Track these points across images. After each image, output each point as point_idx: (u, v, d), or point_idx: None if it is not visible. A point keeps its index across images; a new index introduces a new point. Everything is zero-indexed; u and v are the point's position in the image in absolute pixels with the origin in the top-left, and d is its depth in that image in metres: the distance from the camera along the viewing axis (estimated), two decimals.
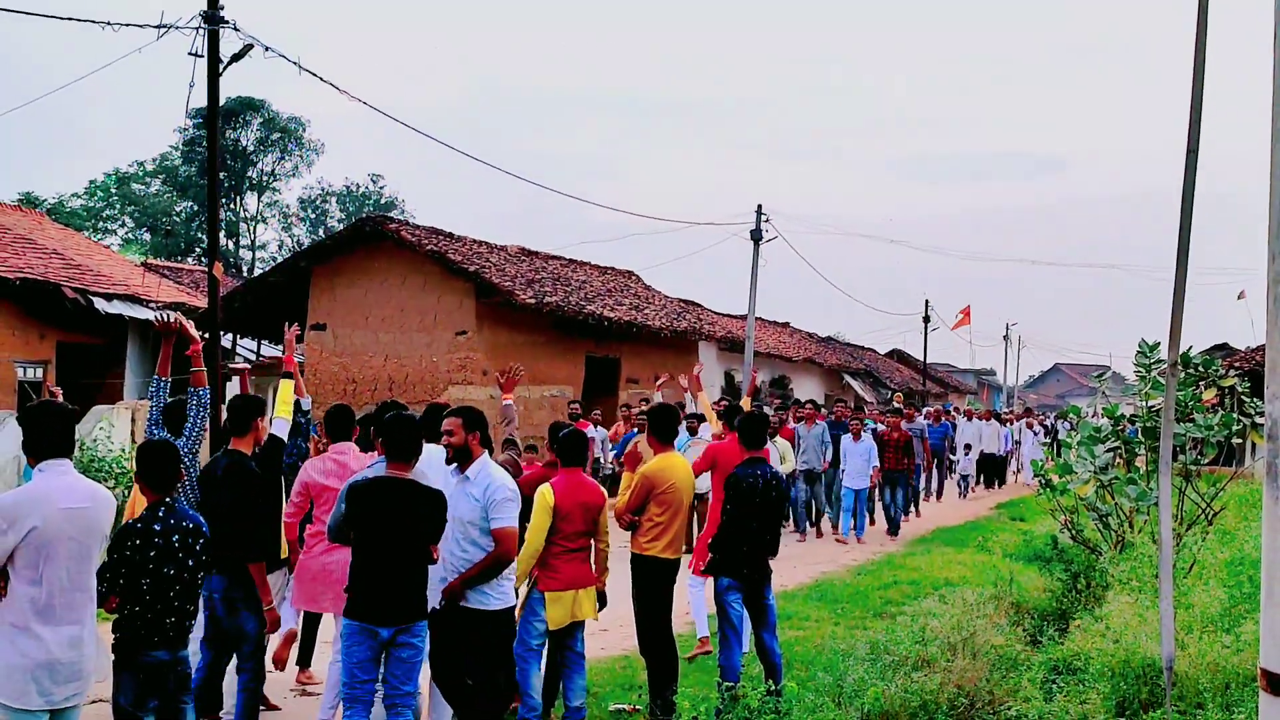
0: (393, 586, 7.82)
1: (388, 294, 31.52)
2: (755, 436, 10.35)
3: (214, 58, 22.89)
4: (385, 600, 7.80)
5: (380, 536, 7.84)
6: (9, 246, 31.84)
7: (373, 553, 7.85)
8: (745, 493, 9.93)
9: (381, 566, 7.82)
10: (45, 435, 6.41)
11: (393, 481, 7.95)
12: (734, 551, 9.96)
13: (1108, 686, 8.52)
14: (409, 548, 7.87)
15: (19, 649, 6.12)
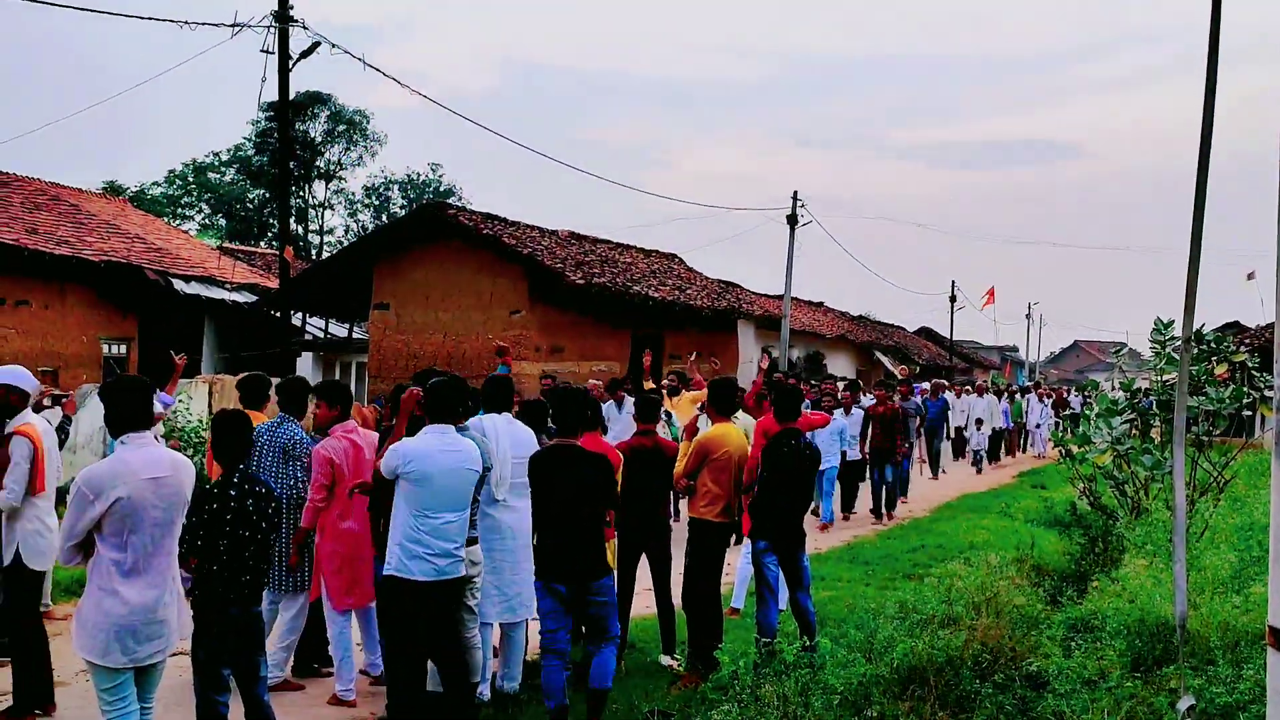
0: (563, 547, 8.06)
1: (446, 275, 31.61)
2: (789, 409, 10.35)
3: (284, 54, 22.98)
4: (562, 560, 8.05)
5: (550, 501, 8.11)
6: (95, 231, 32.07)
7: (545, 516, 8.17)
8: (779, 460, 9.95)
9: (553, 529, 8.11)
10: (125, 410, 6.45)
11: (561, 449, 8.24)
12: (768, 516, 9.97)
13: (1123, 644, 8.48)
14: (574, 510, 8.09)
15: (104, 610, 6.16)
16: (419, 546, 7.44)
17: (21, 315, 28.08)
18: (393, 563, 7.51)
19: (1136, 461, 14.02)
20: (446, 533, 7.56)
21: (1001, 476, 29.57)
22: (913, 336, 71.54)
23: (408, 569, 7.45)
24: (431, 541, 7.47)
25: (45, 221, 30.51)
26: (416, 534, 7.44)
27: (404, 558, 7.46)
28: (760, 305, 39.98)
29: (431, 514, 7.47)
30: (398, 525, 7.51)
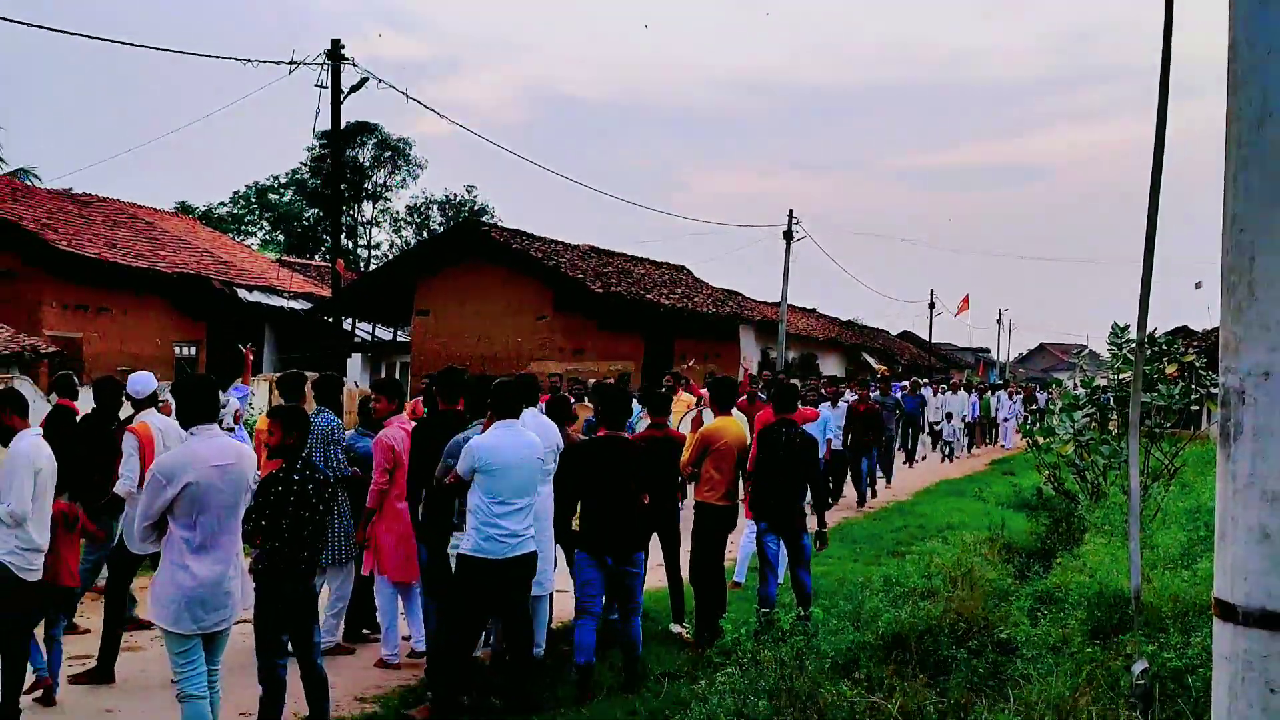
0: (614, 525, 8.34)
1: (480, 285, 31.69)
2: (786, 402, 10.41)
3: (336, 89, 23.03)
4: (609, 536, 8.32)
5: (603, 485, 8.35)
6: (168, 246, 32.16)
7: (594, 499, 8.38)
8: (773, 448, 9.97)
9: (601, 509, 8.34)
10: (194, 405, 6.48)
11: (612, 440, 8.49)
12: (766, 499, 9.98)
13: (1084, 614, 8.46)
14: (624, 493, 8.37)
15: (176, 582, 6.19)
16: (494, 529, 7.46)
17: (103, 321, 28.19)
18: (469, 544, 7.52)
19: (1096, 451, 14.01)
20: (519, 516, 7.59)
21: (975, 464, 29.47)
22: (896, 340, 71.41)
23: (484, 549, 7.46)
24: (505, 525, 7.49)
25: (124, 238, 30.60)
26: (491, 519, 7.46)
27: (480, 540, 7.46)
28: (759, 311, 39.93)
29: (505, 501, 7.49)
30: (474, 511, 7.52)
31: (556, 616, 9.65)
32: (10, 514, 6.90)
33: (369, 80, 23.75)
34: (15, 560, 7.02)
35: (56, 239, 26.93)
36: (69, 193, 33.65)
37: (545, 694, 8.06)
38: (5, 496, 6.96)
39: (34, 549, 7.11)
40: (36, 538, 7.11)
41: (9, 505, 6.92)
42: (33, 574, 7.13)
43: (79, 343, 27.09)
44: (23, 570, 7.06)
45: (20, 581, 7.05)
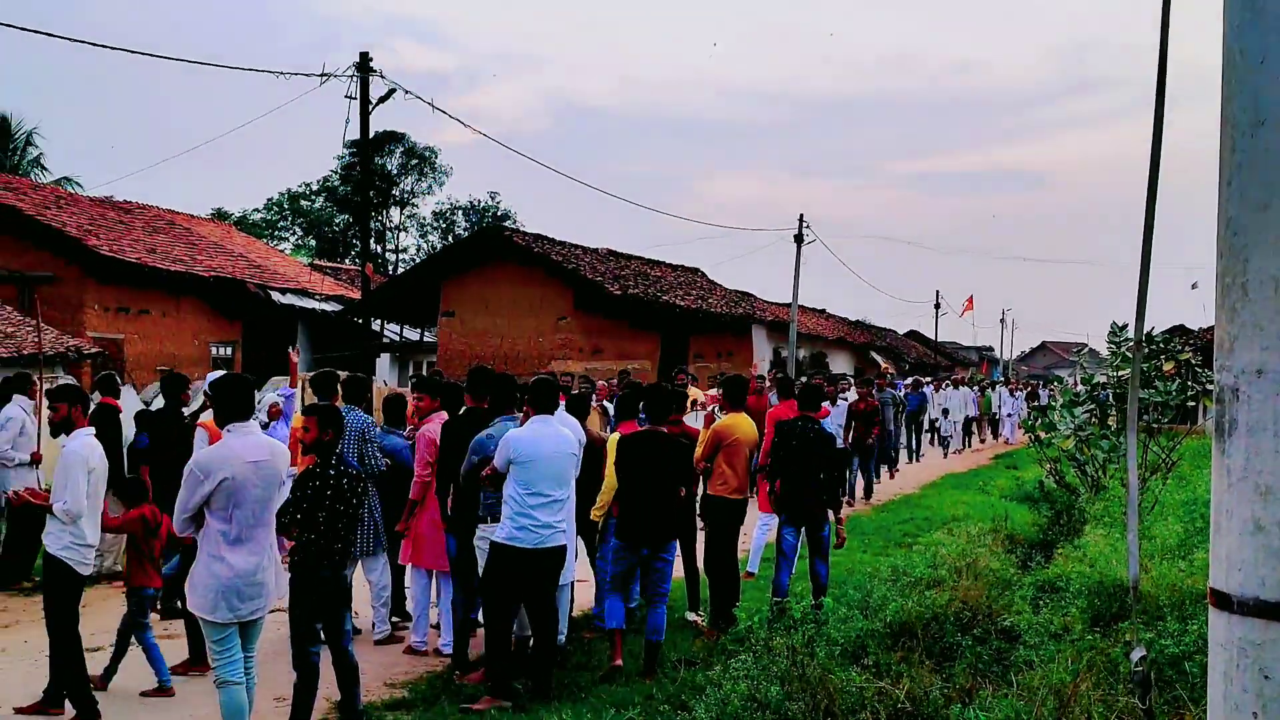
0: (651, 515, 8.36)
1: (503, 288, 31.73)
2: (811, 400, 10.44)
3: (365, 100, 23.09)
4: (646, 526, 8.35)
5: (640, 478, 8.40)
6: (205, 251, 32.28)
7: (635, 490, 8.43)
8: (792, 440, 10.00)
9: (641, 501, 8.39)
10: (231, 403, 6.50)
11: (651, 435, 8.55)
12: (785, 491, 10.01)
13: (1084, 602, 8.45)
14: (662, 485, 8.41)
15: (213, 572, 6.23)
16: (527, 519, 7.48)
17: (143, 322, 28.30)
18: (503, 533, 7.54)
19: (1096, 446, 14.01)
20: (552, 508, 7.60)
21: (979, 458, 29.38)
22: (903, 339, 71.22)
23: (517, 538, 7.48)
24: (538, 516, 7.50)
25: (163, 243, 30.72)
26: (525, 509, 7.48)
27: (514, 529, 7.48)
28: (771, 312, 39.88)
29: (539, 492, 7.50)
30: (508, 501, 7.54)
31: (577, 605, 9.65)
32: (66, 511, 6.93)
33: (396, 91, 23.83)
34: (72, 556, 7.05)
35: (98, 244, 27.05)
36: (110, 200, 33.81)
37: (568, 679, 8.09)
38: (61, 494, 6.99)
39: (87, 545, 7.14)
40: (90, 535, 7.13)
41: (64, 503, 6.94)
42: (86, 568, 7.18)
43: (120, 343, 27.21)
44: (78, 565, 7.09)
45: (76, 576, 7.10)
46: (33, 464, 11.25)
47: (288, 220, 71.42)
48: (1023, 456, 25.37)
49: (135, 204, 34.32)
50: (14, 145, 44.60)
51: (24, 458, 11.42)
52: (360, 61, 23.22)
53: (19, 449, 11.50)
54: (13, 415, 11.65)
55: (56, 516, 6.98)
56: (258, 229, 64.12)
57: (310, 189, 71.06)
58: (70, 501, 6.93)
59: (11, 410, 11.75)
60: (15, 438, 11.50)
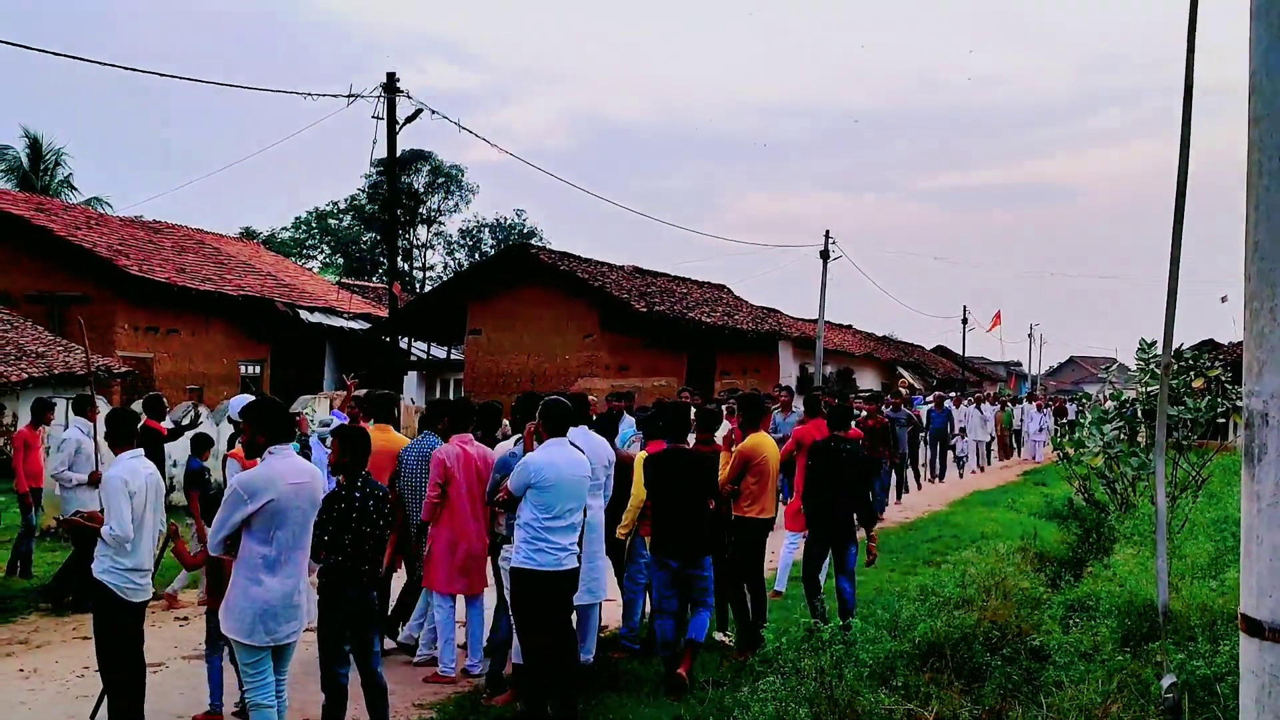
0: (680, 531, 8.54)
1: (529, 305, 31.82)
2: (840, 420, 10.50)
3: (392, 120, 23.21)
4: (676, 540, 8.53)
5: (668, 494, 8.53)
6: (233, 270, 32.48)
7: (667, 505, 8.55)
8: (825, 459, 10.05)
9: (669, 516, 8.54)
10: (270, 427, 6.51)
11: (678, 453, 8.65)
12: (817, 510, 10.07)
13: (1114, 622, 8.39)
14: (691, 501, 8.56)
15: (250, 596, 6.23)
16: (543, 542, 7.48)
17: (173, 341, 28.48)
18: (519, 558, 7.54)
19: (1125, 463, 13.90)
20: (568, 532, 7.61)
21: (1007, 475, 29.23)
22: (930, 354, 71.02)
23: (534, 561, 7.48)
24: (553, 539, 7.51)
25: (192, 263, 30.93)
26: (541, 533, 7.48)
27: (531, 552, 7.48)
28: (798, 328, 39.86)
29: (554, 516, 7.51)
30: (525, 526, 7.54)
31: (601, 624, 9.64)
32: (114, 537, 6.85)
33: (423, 111, 23.93)
34: (115, 580, 6.88)
35: (128, 264, 27.26)
36: (139, 220, 34.09)
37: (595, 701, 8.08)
38: (108, 519, 6.94)
39: (137, 569, 6.98)
40: (138, 559, 6.98)
41: (110, 528, 6.87)
42: (137, 594, 7.00)
43: (150, 363, 27.38)
44: (124, 590, 6.91)
45: (122, 601, 6.92)
46: (91, 485, 11.37)
47: (316, 239, 71.85)
48: (1051, 473, 25.22)
49: (164, 224, 34.57)
50: (45, 166, 44.99)
51: (82, 478, 11.65)
52: (387, 82, 23.35)
53: (78, 469, 11.76)
54: (69, 437, 12.09)
55: (105, 540, 6.93)
56: (286, 248, 64.52)
57: (338, 207, 71.50)
58: (116, 526, 6.85)
59: (69, 432, 12.23)
60: (71, 458, 11.81)
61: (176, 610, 11.33)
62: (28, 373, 20.45)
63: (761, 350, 34.48)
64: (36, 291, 26.61)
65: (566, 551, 7.56)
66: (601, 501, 8.89)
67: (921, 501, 21.87)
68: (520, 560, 7.52)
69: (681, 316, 31.76)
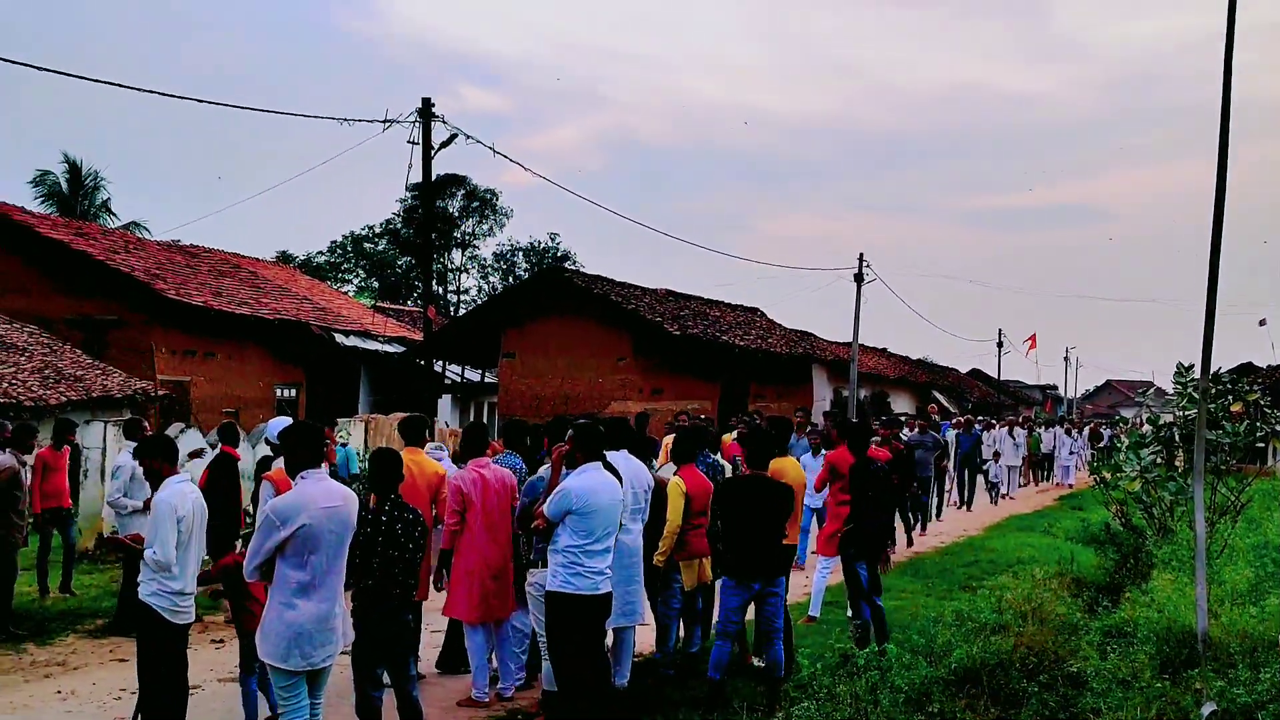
0: (763, 552, 8.54)
1: (563, 328, 31.90)
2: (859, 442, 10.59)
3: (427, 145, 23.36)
4: (757, 563, 8.51)
5: (749, 518, 8.55)
6: (270, 294, 32.69)
7: (744, 529, 8.56)
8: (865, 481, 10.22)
9: (751, 539, 8.53)
10: (303, 451, 6.55)
11: (757, 479, 8.72)
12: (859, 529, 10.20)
13: (1153, 648, 8.33)
14: (768, 525, 8.58)
15: (285, 620, 6.26)
16: (580, 567, 7.49)
17: (210, 365, 28.68)
18: (556, 582, 7.54)
19: (1162, 488, 13.83)
20: (604, 556, 7.61)
21: (1043, 500, 29.03)
22: (965, 377, 70.75)
23: (571, 584, 7.48)
24: (590, 563, 7.51)
25: (229, 286, 31.16)
26: (578, 557, 7.49)
27: (569, 575, 7.49)
28: (832, 351, 39.77)
29: (591, 540, 7.51)
30: (563, 551, 7.54)
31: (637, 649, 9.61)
32: (155, 561, 6.87)
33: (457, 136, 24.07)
34: (160, 603, 6.90)
35: (166, 288, 27.47)
36: (177, 244, 34.36)
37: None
38: (152, 543, 6.97)
39: (181, 593, 6.97)
40: (181, 582, 6.97)
41: (154, 552, 6.87)
42: (182, 617, 7.01)
43: (187, 386, 27.57)
44: (169, 613, 6.92)
45: (167, 624, 6.93)
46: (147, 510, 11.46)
47: (351, 263, 72.22)
48: (1088, 498, 25.06)
49: (202, 248, 34.86)
50: (84, 190, 45.46)
51: (137, 504, 11.63)
52: (422, 107, 23.51)
53: (133, 495, 11.82)
54: (122, 463, 12.12)
55: (148, 563, 6.95)
56: (322, 271, 64.89)
57: (373, 231, 71.83)
58: (160, 550, 6.86)
59: (122, 458, 12.26)
60: (127, 484, 11.88)
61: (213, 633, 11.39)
62: (66, 396, 20.61)
63: (795, 374, 34.40)
64: (75, 315, 26.84)
65: (602, 575, 7.57)
66: (640, 525, 8.90)
67: (957, 526, 21.75)
68: (557, 585, 7.52)
69: (715, 339, 31.75)
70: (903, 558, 16.95)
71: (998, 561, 15.96)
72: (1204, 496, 8.54)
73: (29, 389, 20.13)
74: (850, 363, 38.80)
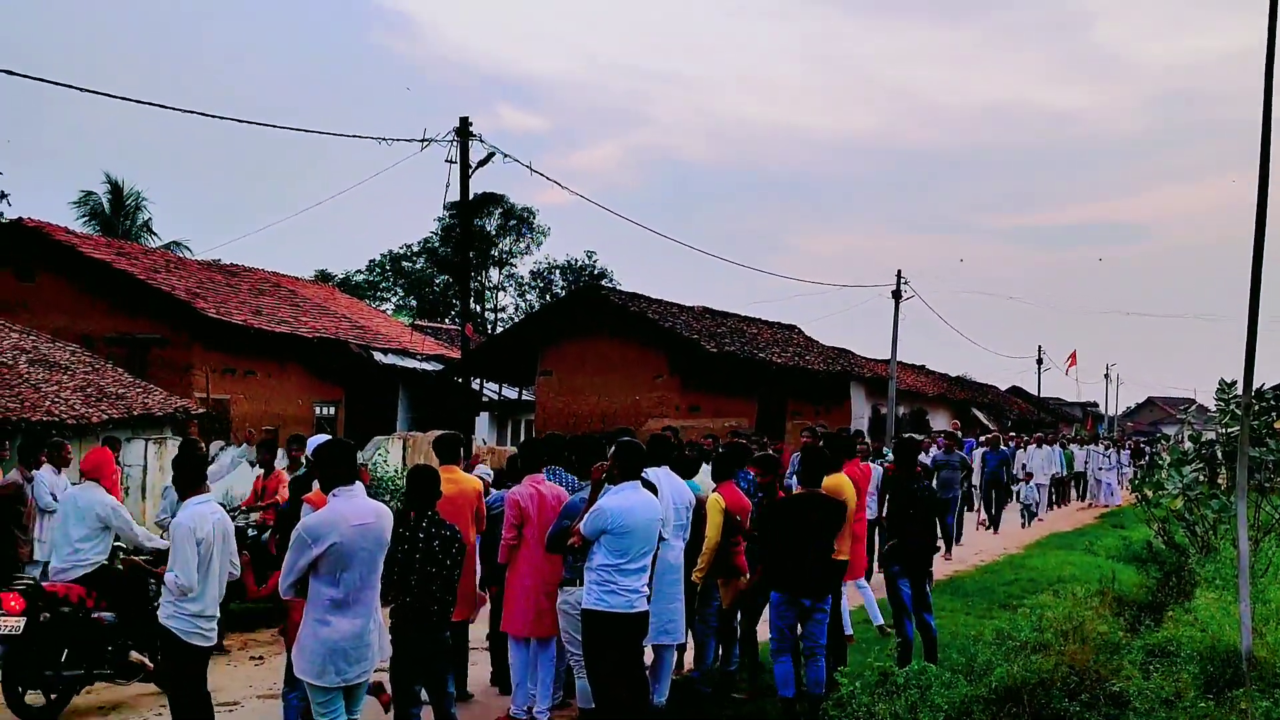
0: (814, 570, 8.70)
1: (600, 346, 31.97)
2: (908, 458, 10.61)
3: (465, 164, 23.41)
4: (810, 579, 8.68)
5: (800, 534, 8.68)
6: (309, 313, 32.90)
7: (795, 546, 8.69)
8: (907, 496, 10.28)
9: (801, 555, 8.67)
10: (335, 468, 6.57)
11: (808, 496, 8.88)
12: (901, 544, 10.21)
13: (1196, 668, 8.25)
14: (822, 541, 8.81)
15: (320, 637, 6.29)
16: (614, 585, 7.49)
17: (249, 383, 28.88)
18: (591, 599, 7.54)
19: (1205, 505, 13.73)
20: (637, 573, 7.60)
21: (1084, 518, 28.80)
22: (1005, 395, 70.31)
23: (607, 603, 7.48)
24: (624, 581, 7.51)
25: (268, 305, 31.39)
26: (612, 575, 7.48)
27: (603, 593, 7.49)
28: (870, 369, 39.59)
29: (626, 559, 7.51)
30: (599, 569, 7.53)
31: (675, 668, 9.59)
32: (178, 585, 6.81)
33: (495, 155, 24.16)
34: (181, 625, 6.88)
35: (206, 307, 27.71)
36: (218, 263, 34.65)
37: None
38: (173, 566, 6.97)
39: (203, 615, 6.96)
40: (204, 604, 6.96)
41: (175, 575, 6.88)
42: (203, 640, 7.00)
43: (227, 404, 27.77)
44: (189, 635, 6.90)
45: (188, 646, 6.92)
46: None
47: (389, 281, 72.58)
48: (1129, 516, 24.84)
49: (242, 267, 35.14)
50: (126, 211, 45.96)
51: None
52: (460, 126, 23.60)
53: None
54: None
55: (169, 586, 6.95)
56: (360, 290, 65.24)
57: (411, 250, 72.15)
58: (180, 574, 6.85)
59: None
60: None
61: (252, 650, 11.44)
62: (108, 414, 20.77)
63: (833, 391, 34.27)
64: (116, 334, 27.10)
65: (637, 594, 7.56)
66: (682, 543, 8.89)
67: (996, 544, 21.61)
68: (591, 602, 7.52)
69: (752, 357, 31.70)
70: (941, 576, 16.86)
71: (1038, 580, 15.84)
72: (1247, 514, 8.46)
73: (71, 407, 20.29)
74: (889, 380, 38.63)
